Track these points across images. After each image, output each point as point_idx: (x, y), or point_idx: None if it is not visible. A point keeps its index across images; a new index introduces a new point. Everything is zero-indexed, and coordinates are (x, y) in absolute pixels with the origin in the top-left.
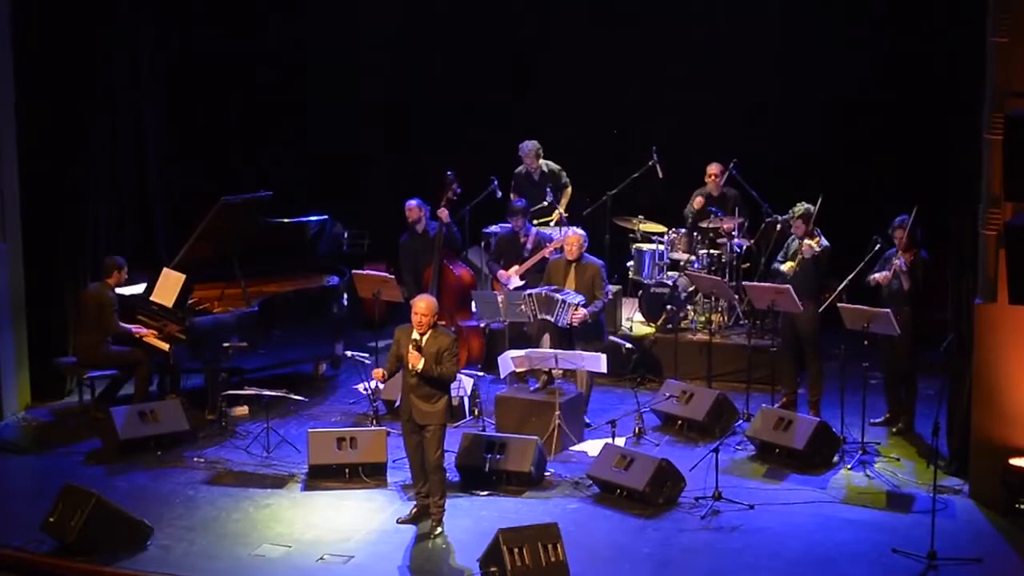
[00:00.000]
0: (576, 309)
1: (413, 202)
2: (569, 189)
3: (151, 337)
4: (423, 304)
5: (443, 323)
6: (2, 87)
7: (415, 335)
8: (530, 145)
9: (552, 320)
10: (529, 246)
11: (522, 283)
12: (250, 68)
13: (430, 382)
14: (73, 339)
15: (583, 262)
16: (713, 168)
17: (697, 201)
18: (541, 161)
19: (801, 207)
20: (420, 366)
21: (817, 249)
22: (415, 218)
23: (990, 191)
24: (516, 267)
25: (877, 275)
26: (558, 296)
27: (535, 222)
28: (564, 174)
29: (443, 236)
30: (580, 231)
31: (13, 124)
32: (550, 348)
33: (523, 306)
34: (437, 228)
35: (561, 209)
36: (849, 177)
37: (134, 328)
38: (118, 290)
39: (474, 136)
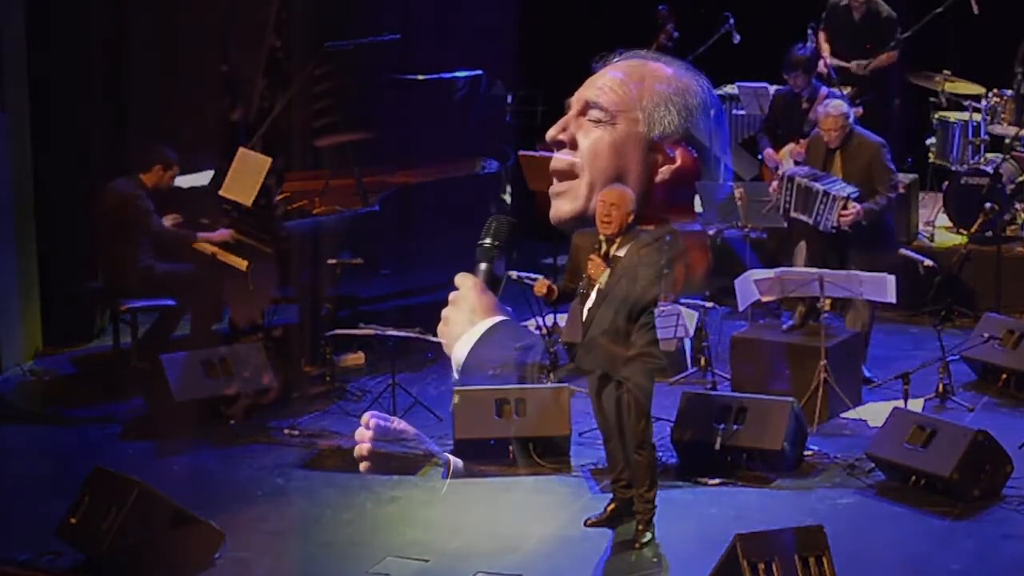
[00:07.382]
0: (846, 204)
1: None
2: (895, 54)
3: (218, 250)
4: (614, 193)
5: (648, 227)
6: None
7: (602, 239)
8: None
9: (810, 221)
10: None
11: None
12: None
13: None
14: (100, 259)
15: (853, 142)
16: None
17: None
18: None
19: None
20: (604, 279)
21: None
22: None
23: None
24: (792, 145)
25: None
26: (817, 185)
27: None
28: (899, 29)
29: None
30: (839, 104)
31: None
32: (807, 265)
33: (776, 195)
34: None
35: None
36: None
37: (200, 234)
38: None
39: None
